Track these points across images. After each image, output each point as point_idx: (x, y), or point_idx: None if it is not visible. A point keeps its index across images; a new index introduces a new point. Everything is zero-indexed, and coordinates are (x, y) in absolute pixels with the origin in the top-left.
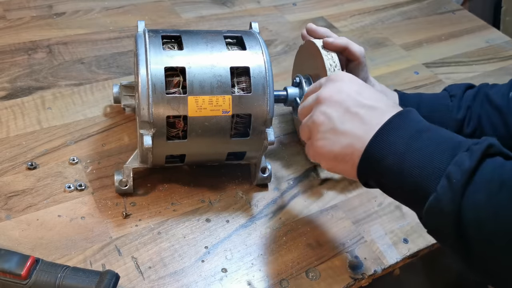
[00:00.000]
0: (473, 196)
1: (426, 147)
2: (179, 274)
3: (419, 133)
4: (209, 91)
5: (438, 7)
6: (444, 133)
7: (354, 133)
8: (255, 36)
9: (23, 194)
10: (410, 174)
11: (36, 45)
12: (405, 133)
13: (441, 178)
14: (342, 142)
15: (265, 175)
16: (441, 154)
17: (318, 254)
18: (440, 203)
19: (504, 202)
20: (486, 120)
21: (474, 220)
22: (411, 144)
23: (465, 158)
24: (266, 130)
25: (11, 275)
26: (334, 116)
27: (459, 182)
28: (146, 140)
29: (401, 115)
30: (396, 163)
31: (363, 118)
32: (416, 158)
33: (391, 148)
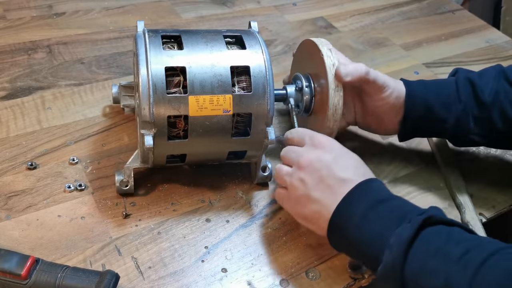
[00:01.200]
0: (411, 263)
1: (378, 219)
2: (179, 274)
3: (375, 205)
4: (210, 91)
5: (438, 7)
6: (398, 203)
7: (323, 202)
8: (254, 36)
9: (23, 194)
10: (364, 245)
11: (36, 45)
12: (362, 205)
13: (385, 250)
14: (312, 208)
15: (265, 174)
16: (389, 226)
17: (318, 254)
18: (386, 272)
19: (436, 267)
20: (504, 96)
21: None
22: (367, 216)
23: (405, 229)
24: (266, 129)
25: (11, 275)
26: (309, 183)
27: (398, 251)
28: (147, 140)
29: (361, 186)
30: (355, 234)
31: (333, 189)
32: (369, 230)
33: (349, 220)
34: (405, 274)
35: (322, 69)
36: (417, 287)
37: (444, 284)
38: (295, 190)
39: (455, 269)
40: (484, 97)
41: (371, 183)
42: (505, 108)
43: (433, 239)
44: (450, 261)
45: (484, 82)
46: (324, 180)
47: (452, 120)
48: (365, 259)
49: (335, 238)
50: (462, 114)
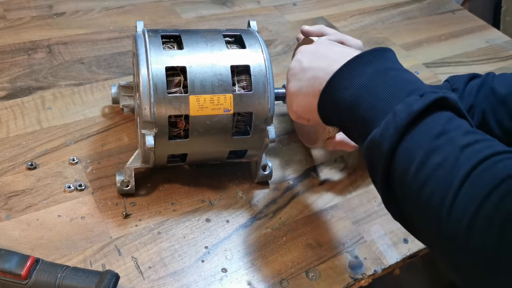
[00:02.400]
0: (410, 138)
1: (386, 84)
2: (179, 274)
3: (385, 71)
4: (210, 90)
5: (438, 7)
6: (410, 77)
7: (319, 67)
8: (254, 35)
9: (23, 194)
10: (362, 108)
11: (36, 45)
12: (372, 68)
13: (388, 115)
14: (307, 76)
15: (266, 173)
16: (397, 93)
17: (318, 254)
18: (380, 138)
19: (435, 146)
20: (491, 115)
21: (403, 162)
22: (374, 79)
23: (416, 101)
24: (267, 128)
25: (11, 275)
26: (303, 59)
27: (402, 121)
28: (149, 140)
29: (375, 51)
30: (353, 95)
31: (330, 57)
32: (373, 93)
33: (353, 80)
34: (399, 147)
35: None
36: (405, 163)
37: (438, 164)
38: (291, 72)
39: (457, 154)
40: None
41: (386, 51)
42: (492, 128)
43: (442, 120)
44: (455, 145)
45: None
46: (319, 52)
47: None
48: (357, 124)
49: (327, 103)
50: None
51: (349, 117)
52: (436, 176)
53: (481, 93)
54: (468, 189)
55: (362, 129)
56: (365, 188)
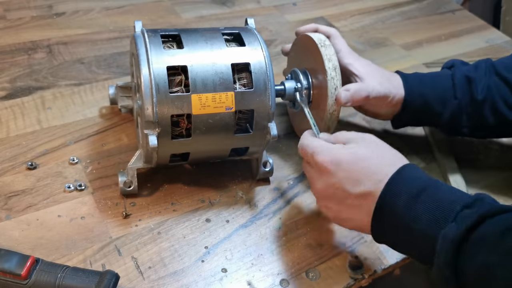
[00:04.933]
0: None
1: (422, 214)
2: (179, 274)
3: (416, 197)
4: (212, 89)
5: (438, 7)
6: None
7: (356, 218)
8: (252, 32)
9: (23, 194)
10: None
11: (36, 45)
12: (401, 201)
13: (434, 257)
14: (350, 225)
15: (267, 169)
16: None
17: (318, 254)
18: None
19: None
20: (495, 91)
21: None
22: (409, 212)
23: (451, 229)
24: (268, 125)
25: (11, 275)
26: (333, 209)
27: (446, 258)
28: (152, 140)
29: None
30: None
31: (358, 207)
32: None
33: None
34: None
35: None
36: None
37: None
38: (327, 213)
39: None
40: (478, 94)
41: (404, 172)
42: (496, 103)
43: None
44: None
45: (478, 78)
46: (344, 202)
47: (447, 115)
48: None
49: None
50: (456, 110)
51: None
52: None
53: (486, 71)
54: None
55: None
56: None
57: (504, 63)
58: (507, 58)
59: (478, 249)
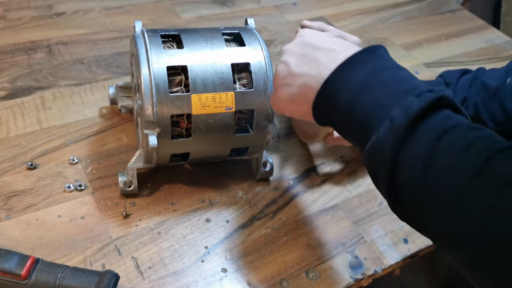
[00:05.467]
0: (412, 144)
1: (381, 87)
2: (179, 274)
3: (379, 72)
4: (212, 89)
5: (438, 7)
6: (404, 74)
7: (309, 73)
8: (252, 32)
9: (23, 194)
10: (359, 112)
11: (36, 45)
12: (364, 71)
13: (385, 120)
14: (298, 83)
15: (267, 169)
16: (393, 95)
17: (318, 254)
18: (380, 145)
19: (439, 150)
20: (483, 108)
21: (407, 169)
22: (368, 83)
23: (413, 103)
24: (268, 125)
25: (11, 275)
26: (291, 62)
27: (401, 126)
28: (152, 140)
29: (366, 52)
30: (348, 101)
31: (319, 59)
32: (368, 98)
33: (348, 83)
34: (401, 152)
35: None
36: (409, 171)
37: (445, 168)
38: (279, 76)
39: (462, 154)
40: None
41: (379, 49)
42: (485, 120)
43: (441, 120)
44: (457, 147)
45: (460, 96)
46: (306, 54)
47: None
48: (355, 130)
49: (322, 108)
50: None
51: (346, 123)
52: (444, 182)
53: (473, 87)
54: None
55: (360, 136)
56: (365, 188)
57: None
58: (498, 70)
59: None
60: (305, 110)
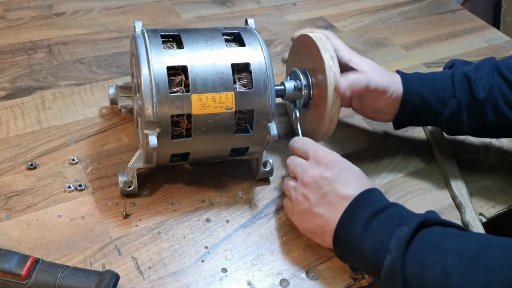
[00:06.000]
0: (411, 261)
1: (379, 227)
2: (179, 274)
3: (376, 214)
4: (212, 89)
5: (438, 7)
6: (396, 210)
7: (326, 217)
8: (252, 32)
9: (23, 194)
10: (368, 253)
11: (36, 45)
12: (363, 216)
13: (387, 254)
14: (316, 223)
15: (267, 169)
16: (389, 232)
17: (318, 254)
18: (389, 274)
19: (433, 260)
20: (497, 91)
21: (415, 281)
22: (368, 225)
23: (402, 231)
24: (268, 125)
25: (11, 275)
26: (312, 200)
27: (397, 252)
28: (152, 140)
29: (360, 198)
30: (358, 244)
31: (335, 205)
32: (371, 238)
33: (352, 231)
34: (406, 273)
35: (320, 67)
36: (419, 283)
37: (441, 274)
38: (299, 205)
39: (450, 260)
40: (479, 93)
41: (370, 193)
42: (498, 103)
43: (429, 237)
44: (446, 253)
45: (479, 78)
46: (326, 196)
47: (447, 114)
48: (370, 267)
49: (341, 251)
50: (456, 109)
51: (361, 262)
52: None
53: (490, 72)
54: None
55: (375, 272)
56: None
57: (508, 64)
58: (510, 59)
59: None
60: (321, 242)
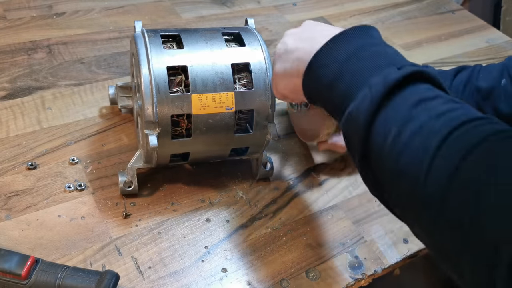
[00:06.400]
0: (387, 110)
1: (366, 59)
2: (179, 274)
3: (366, 47)
4: (212, 89)
5: (438, 7)
6: (392, 51)
7: (303, 48)
8: (252, 32)
9: (23, 194)
10: (342, 84)
11: (36, 45)
12: (353, 45)
13: (364, 87)
14: (291, 57)
15: (267, 169)
16: (376, 67)
17: (318, 254)
18: (357, 111)
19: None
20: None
21: (380, 134)
22: (354, 55)
23: (392, 73)
24: (268, 125)
25: (11, 275)
26: (288, 41)
27: (378, 93)
28: (152, 140)
29: (358, 29)
30: (334, 72)
31: (314, 37)
32: (352, 69)
33: (333, 58)
34: (376, 119)
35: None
36: (382, 135)
37: (414, 132)
38: (277, 55)
39: (434, 121)
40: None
41: (370, 29)
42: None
43: (420, 91)
44: (431, 113)
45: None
46: (304, 34)
47: None
48: (337, 100)
49: (311, 81)
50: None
51: (330, 94)
52: (412, 144)
53: (467, 90)
54: (445, 152)
55: (341, 105)
56: (365, 188)
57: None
58: (493, 69)
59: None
60: (297, 84)
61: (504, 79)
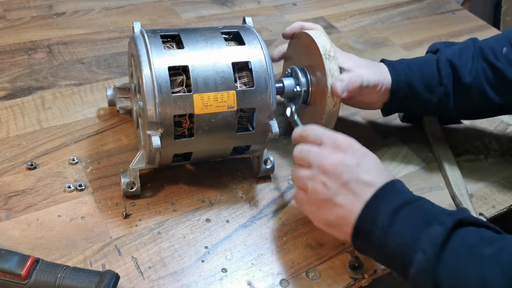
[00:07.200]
0: (445, 264)
1: (406, 221)
2: (179, 274)
3: (402, 206)
4: (214, 88)
5: (438, 7)
6: (424, 204)
7: (347, 206)
8: (251, 31)
9: (23, 194)
10: (394, 247)
11: (36, 45)
12: (389, 207)
13: (417, 252)
14: (335, 213)
15: (268, 167)
16: (419, 228)
17: (318, 254)
18: (419, 274)
19: (469, 266)
20: (483, 76)
21: (448, 287)
22: (394, 218)
23: (437, 230)
24: (270, 123)
25: (11, 275)
26: (332, 188)
27: (432, 253)
28: (155, 141)
29: (385, 189)
30: (382, 237)
31: (357, 193)
32: (397, 232)
33: (376, 223)
34: (439, 275)
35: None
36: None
37: (478, 281)
38: (317, 195)
39: (489, 267)
40: (465, 79)
41: (395, 185)
42: (485, 89)
43: (466, 239)
44: (484, 259)
45: (463, 63)
46: (348, 184)
47: (435, 100)
48: (393, 262)
49: (360, 243)
50: (443, 95)
51: (383, 256)
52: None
53: (474, 56)
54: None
55: (398, 267)
56: None
57: (491, 48)
58: (493, 41)
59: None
60: (338, 235)
61: (506, 48)
